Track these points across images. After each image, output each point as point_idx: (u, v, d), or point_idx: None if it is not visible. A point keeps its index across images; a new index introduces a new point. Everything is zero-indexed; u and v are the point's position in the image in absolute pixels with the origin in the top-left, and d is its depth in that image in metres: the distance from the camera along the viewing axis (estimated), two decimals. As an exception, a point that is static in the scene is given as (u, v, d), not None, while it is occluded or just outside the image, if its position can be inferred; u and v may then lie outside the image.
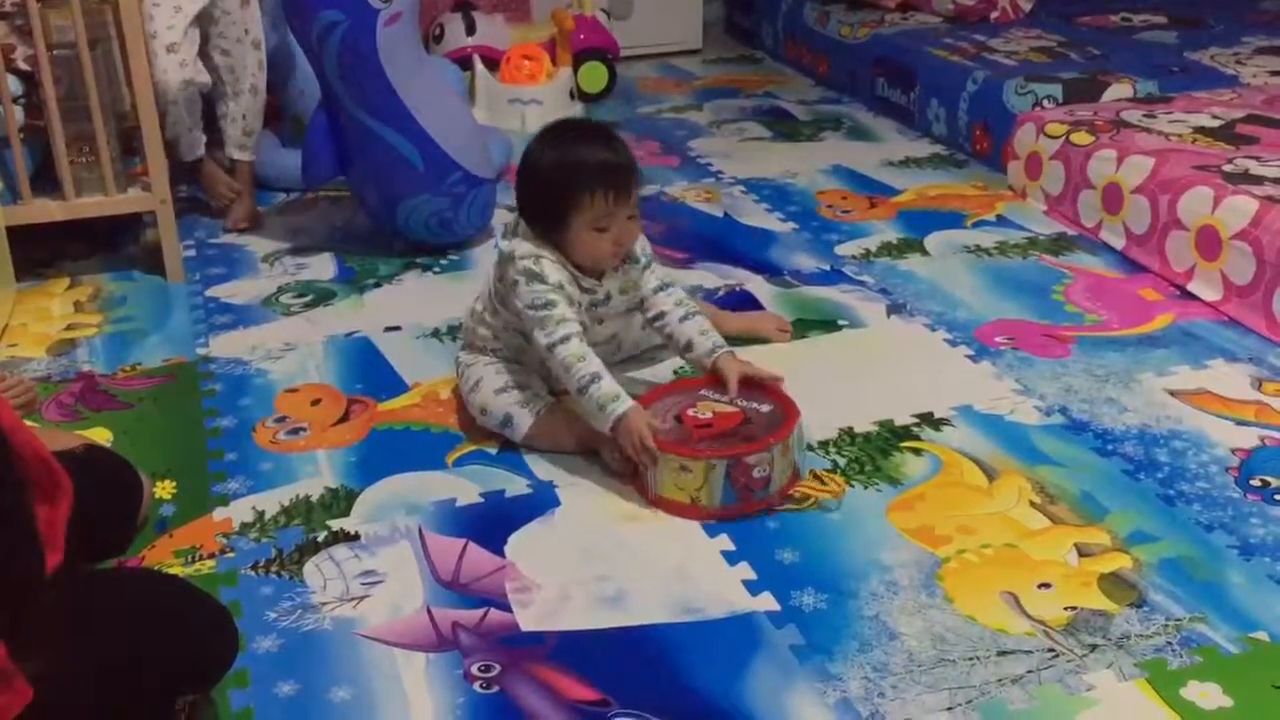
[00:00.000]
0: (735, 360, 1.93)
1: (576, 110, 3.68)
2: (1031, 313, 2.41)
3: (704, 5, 4.51)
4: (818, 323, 2.38)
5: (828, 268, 2.64)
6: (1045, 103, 3.12)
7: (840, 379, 2.17)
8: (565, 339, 1.84)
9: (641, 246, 1.98)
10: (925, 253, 2.71)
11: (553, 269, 1.88)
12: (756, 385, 1.92)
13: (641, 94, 4.00)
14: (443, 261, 2.69)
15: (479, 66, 3.60)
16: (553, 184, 1.87)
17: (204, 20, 2.63)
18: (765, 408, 1.88)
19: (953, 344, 2.29)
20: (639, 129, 3.60)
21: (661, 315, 1.98)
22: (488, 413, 1.95)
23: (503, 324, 1.99)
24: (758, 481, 1.78)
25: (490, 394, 1.95)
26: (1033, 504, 1.80)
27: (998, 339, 2.30)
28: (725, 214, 2.97)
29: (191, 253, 2.71)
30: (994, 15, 3.83)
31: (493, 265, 2.02)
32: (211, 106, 2.83)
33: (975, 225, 2.86)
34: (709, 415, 1.87)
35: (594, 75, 3.89)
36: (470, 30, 3.77)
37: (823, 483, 1.86)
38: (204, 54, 2.74)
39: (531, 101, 3.60)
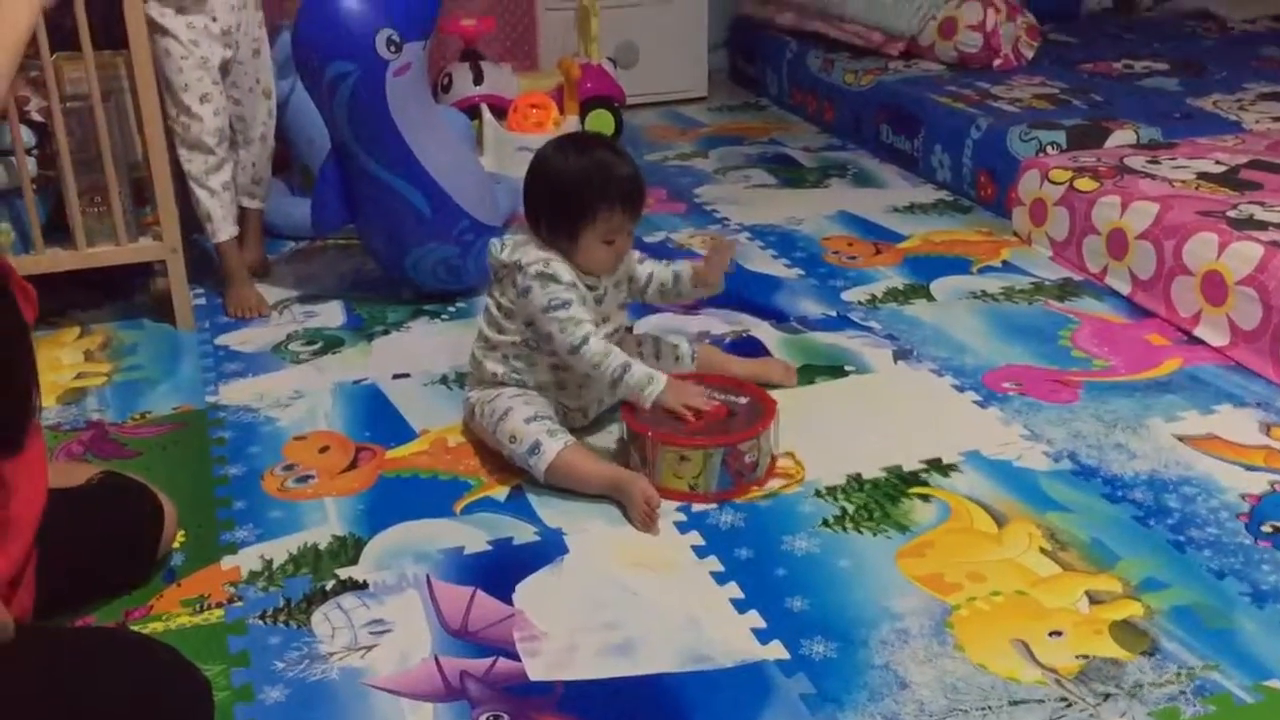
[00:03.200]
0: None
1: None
2: (1038, 358, 2.41)
3: (709, 53, 4.55)
4: (825, 368, 2.39)
5: (834, 313, 2.65)
6: (1049, 149, 3.13)
7: (848, 425, 2.17)
8: (586, 339, 1.93)
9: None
10: (931, 298, 2.71)
11: (564, 269, 1.97)
12: (733, 381, 2.11)
13: (648, 141, 4.03)
14: (450, 309, 2.70)
15: (487, 115, 3.63)
16: (575, 192, 1.95)
17: (220, 70, 2.65)
18: (743, 399, 2.04)
19: (960, 389, 2.29)
20: (646, 176, 3.61)
21: (650, 276, 2.15)
22: (518, 440, 1.96)
23: (510, 341, 2.03)
24: (748, 466, 1.95)
25: (520, 422, 1.97)
26: (1043, 550, 1.79)
27: (1005, 384, 2.30)
28: (732, 260, 2.98)
29: (201, 300, 2.72)
30: (996, 63, 3.86)
31: (489, 287, 2.09)
32: None
33: (981, 271, 2.87)
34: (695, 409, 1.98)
35: (601, 123, 3.92)
36: (478, 79, 3.81)
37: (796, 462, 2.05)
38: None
39: (540, 149, 3.63)
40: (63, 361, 2.45)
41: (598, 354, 1.94)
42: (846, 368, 2.39)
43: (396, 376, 2.38)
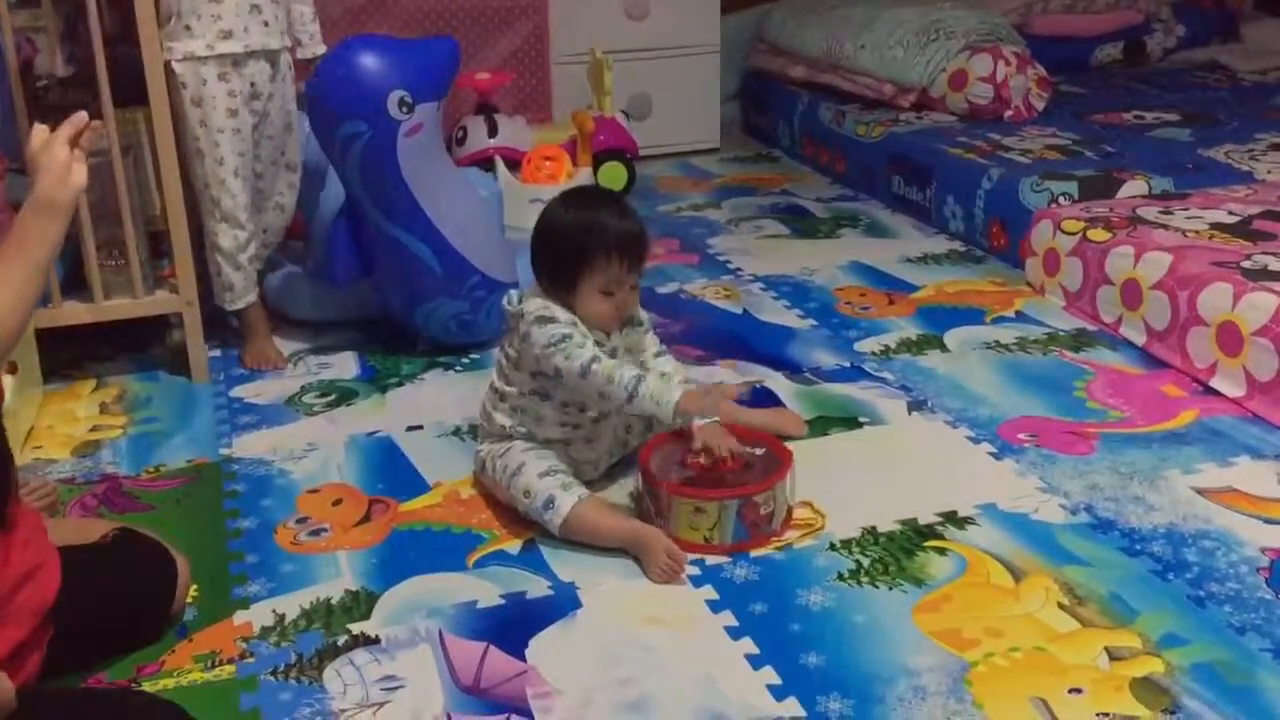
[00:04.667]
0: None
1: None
2: (1053, 409, 2.40)
3: (721, 105, 4.59)
4: (839, 420, 2.38)
5: (848, 364, 2.65)
6: (1061, 199, 3.14)
7: (862, 477, 2.16)
8: (595, 359, 1.93)
9: (642, 313, 2.12)
10: (945, 349, 2.71)
11: (562, 312, 1.98)
12: (748, 432, 2.09)
13: (661, 192, 4.05)
14: (464, 360, 2.70)
15: (501, 167, 3.66)
16: (571, 242, 1.97)
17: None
18: (759, 450, 2.03)
19: (975, 441, 2.28)
20: (658, 227, 3.64)
21: (661, 377, 2.07)
22: (532, 495, 1.96)
23: (518, 393, 2.04)
24: (764, 518, 1.93)
25: (535, 477, 1.97)
26: (1061, 605, 1.77)
27: (1020, 436, 2.29)
28: (744, 311, 2.99)
29: (216, 353, 2.73)
30: (1007, 114, 3.88)
31: (501, 339, 2.11)
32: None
33: (995, 321, 2.87)
34: (712, 460, 1.97)
35: (614, 174, 3.95)
36: (492, 132, 3.85)
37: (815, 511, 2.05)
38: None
39: (553, 201, 3.65)
40: (78, 414, 2.46)
41: (608, 369, 1.93)
42: (861, 419, 2.38)
43: (410, 429, 2.38)
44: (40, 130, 1.52)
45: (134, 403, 2.52)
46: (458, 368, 2.68)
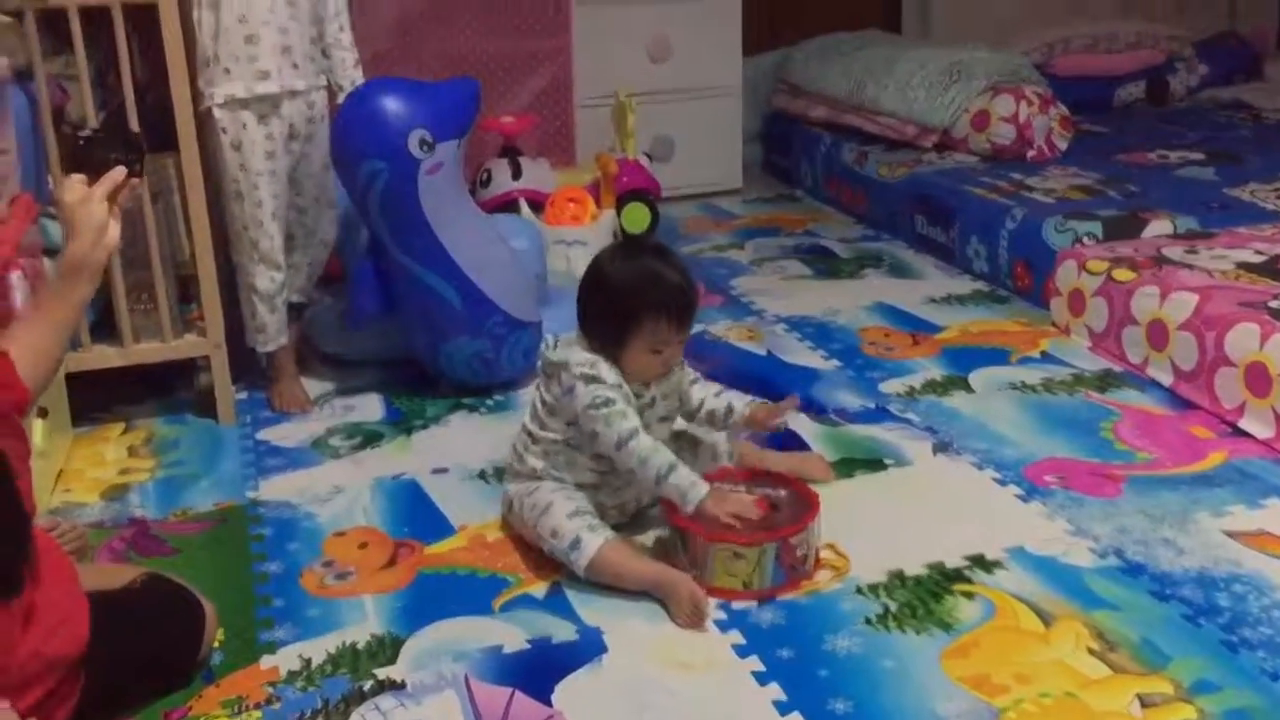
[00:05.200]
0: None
1: (620, 250, 3.74)
2: (1081, 451, 2.38)
3: (743, 145, 4.61)
4: (864, 461, 2.37)
5: (873, 405, 2.64)
6: (1085, 240, 3.14)
7: (888, 520, 2.15)
8: (634, 432, 1.93)
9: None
10: (970, 390, 2.70)
11: (609, 371, 1.98)
12: (772, 475, 2.11)
13: (684, 233, 4.07)
14: (488, 402, 2.71)
15: (525, 209, 3.68)
16: (624, 299, 1.97)
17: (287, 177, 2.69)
18: (783, 492, 2.04)
19: (1001, 483, 2.27)
20: (681, 268, 3.65)
21: (702, 402, 2.13)
22: (559, 535, 1.96)
23: (552, 439, 2.04)
24: (799, 560, 1.94)
25: (563, 517, 1.97)
26: (1091, 651, 1.75)
27: (1047, 478, 2.28)
28: (769, 352, 2.99)
29: (243, 395, 2.75)
30: (1030, 154, 3.88)
31: (537, 382, 2.10)
32: None
33: (1020, 362, 2.85)
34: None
35: (637, 216, 3.96)
36: (516, 174, 3.87)
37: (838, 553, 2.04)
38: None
39: (576, 243, 3.67)
40: (106, 458, 2.47)
41: (645, 449, 1.93)
42: (886, 460, 2.38)
43: (435, 471, 2.39)
44: (76, 184, 1.50)
45: (162, 445, 2.53)
46: (482, 410, 2.69)
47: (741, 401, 2.15)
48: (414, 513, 2.23)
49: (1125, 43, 4.79)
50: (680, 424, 2.19)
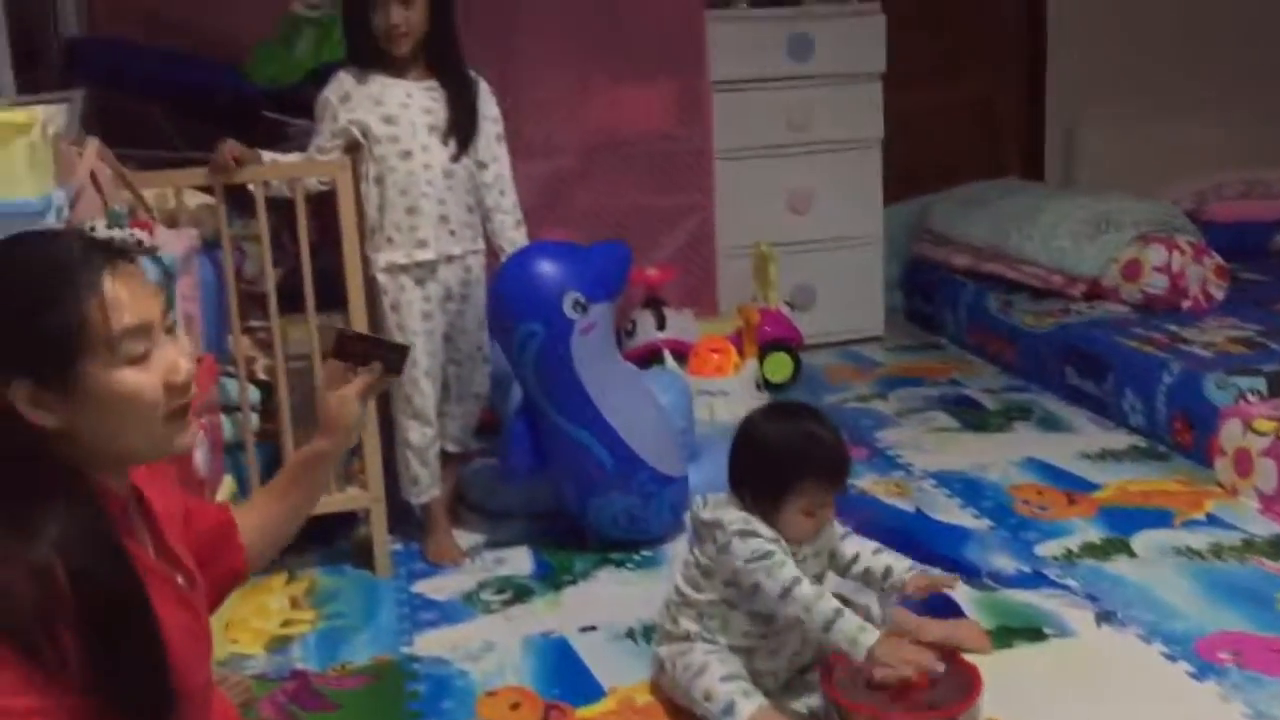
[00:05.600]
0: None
1: (763, 401, 3.76)
2: (1256, 624, 2.27)
3: (885, 293, 4.62)
4: (1022, 631, 2.30)
5: (1028, 570, 2.57)
6: (1249, 396, 3.03)
7: (1051, 697, 2.07)
8: (797, 580, 1.93)
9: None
10: (1132, 554, 2.61)
11: (765, 529, 1.99)
12: (930, 646, 2.01)
13: (826, 383, 4.07)
14: (636, 558, 2.73)
15: (669, 360, 3.74)
16: (782, 461, 1.99)
17: (444, 336, 2.81)
18: (941, 666, 1.96)
19: (1171, 659, 2.17)
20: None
21: (856, 557, 2.13)
22: (712, 698, 1.96)
23: (707, 600, 2.05)
24: None
25: (717, 680, 1.97)
26: None
27: (1220, 654, 2.17)
28: (917, 509, 2.94)
29: (398, 546, 2.82)
30: (1185, 305, 3.79)
31: (689, 543, 2.11)
32: None
33: (1184, 525, 2.75)
34: (898, 679, 1.91)
35: (779, 365, 3.99)
36: (660, 325, 3.95)
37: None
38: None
39: (719, 393, 3.70)
40: (270, 608, 2.56)
41: (810, 596, 1.92)
42: (1046, 630, 2.30)
43: (584, 629, 2.40)
44: (337, 375, 1.53)
45: (322, 597, 2.60)
46: (629, 565, 2.70)
47: (902, 565, 2.13)
48: (563, 672, 2.24)
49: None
50: (831, 579, 2.16)
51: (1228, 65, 5.01)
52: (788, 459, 1.99)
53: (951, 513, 2.90)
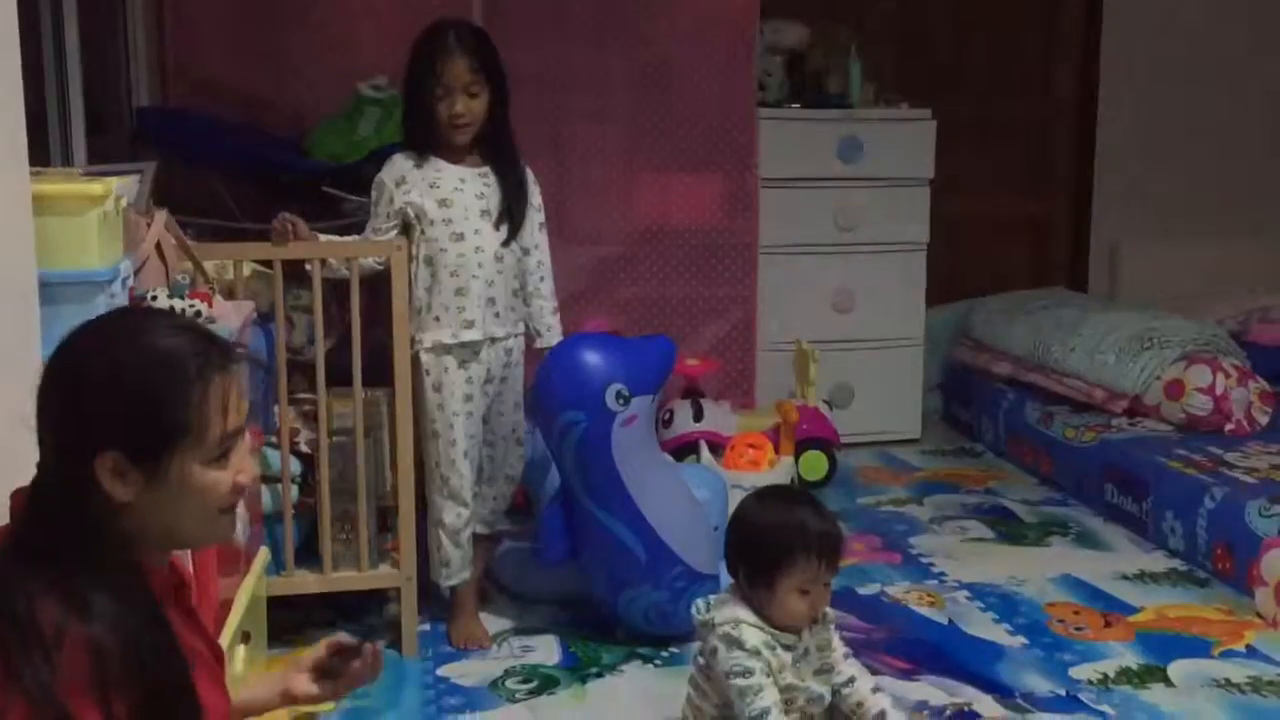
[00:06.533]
0: None
1: (797, 499, 3.74)
2: (1297, 766, 2.22)
3: (923, 395, 4.61)
4: (1056, 757, 2.25)
5: (1063, 692, 2.52)
6: (1293, 526, 2.99)
7: (1085, 831, 2.02)
8: (765, 712, 1.92)
9: (828, 609, 2.12)
10: (1170, 683, 2.56)
11: (751, 633, 1.99)
12: None
13: (861, 484, 4.04)
14: (663, 654, 2.70)
15: (705, 452, 3.74)
16: (771, 541, 2.02)
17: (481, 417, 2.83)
18: None
19: (1210, 797, 2.12)
20: (859, 521, 3.63)
21: (852, 680, 2.10)
22: None
23: (713, 705, 2.04)
24: None
25: None
26: None
27: (1261, 795, 2.12)
28: (950, 621, 2.91)
29: (425, 627, 2.81)
30: (1228, 428, 3.74)
31: (696, 645, 2.12)
32: None
33: (1223, 655, 2.70)
34: None
35: (815, 464, 3.98)
36: (698, 416, 3.94)
37: None
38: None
39: (753, 489, 3.69)
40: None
41: None
42: (1079, 758, 2.25)
43: (609, 727, 2.37)
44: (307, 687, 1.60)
45: (347, 675, 2.58)
46: (657, 661, 2.67)
47: (898, 714, 2.09)
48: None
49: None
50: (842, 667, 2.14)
51: (1272, 187, 5.03)
52: (778, 535, 2.02)
53: (985, 628, 2.86)
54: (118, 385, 1.23)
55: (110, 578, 1.22)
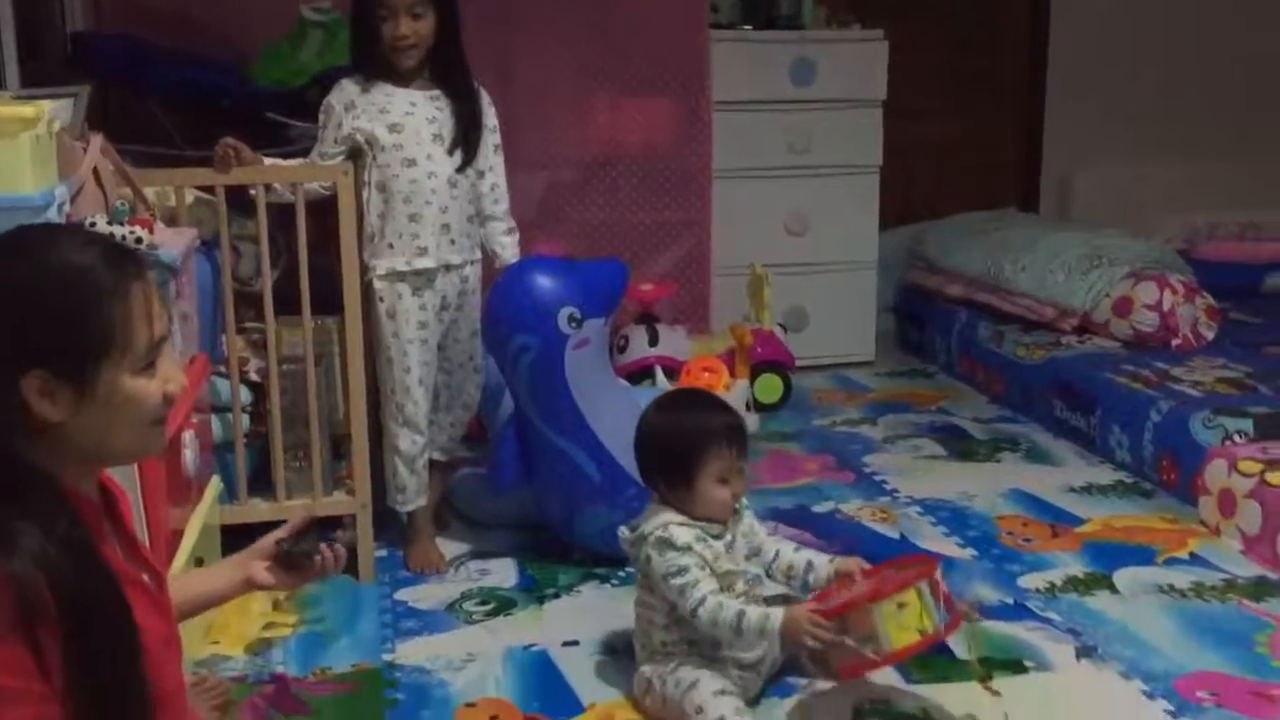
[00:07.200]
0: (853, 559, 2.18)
1: (753, 420, 3.76)
2: (1235, 665, 2.28)
3: (877, 318, 4.63)
4: (1002, 662, 2.30)
5: (1011, 601, 2.57)
6: (1236, 437, 3.05)
7: (1030, 730, 2.08)
8: (702, 600, 2.00)
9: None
10: (1115, 590, 2.62)
11: (680, 531, 2.07)
12: (879, 569, 2.15)
13: (815, 406, 4.07)
14: (620, 574, 2.72)
15: (660, 376, 3.75)
16: (683, 443, 2.10)
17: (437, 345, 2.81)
18: (892, 572, 2.11)
19: (1150, 696, 2.18)
20: (814, 442, 3.66)
21: (778, 553, 2.22)
22: (704, 711, 1.99)
23: (662, 615, 2.11)
24: (947, 596, 1.98)
25: (709, 694, 2.01)
26: None
27: (1199, 693, 2.18)
28: (902, 535, 2.95)
29: (383, 553, 2.81)
30: (1175, 343, 3.80)
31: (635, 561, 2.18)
32: None
33: (1167, 563, 2.76)
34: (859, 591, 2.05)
35: (770, 386, 4.00)
36: (653, 341, 3.95)
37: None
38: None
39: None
40: (253, 610, 2.54)
41: (712, 611, 2.00)
42: (1026, 663, 2.31)
43: (566, 644, 2.40)
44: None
45: (305, 601, 2.59)
46: (613, 581, 2.70)
47: (823, 559, 2.20)
48: (544, 686, 2.24)
49: (1274, 230, 4.71)
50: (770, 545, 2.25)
51: (1223, 111, 5.06)
52: (688, 436, 2.10)
53: (936, 541, 2.91)
54: (38, 304, 1.22)
55: (32, 506, 1.21)
